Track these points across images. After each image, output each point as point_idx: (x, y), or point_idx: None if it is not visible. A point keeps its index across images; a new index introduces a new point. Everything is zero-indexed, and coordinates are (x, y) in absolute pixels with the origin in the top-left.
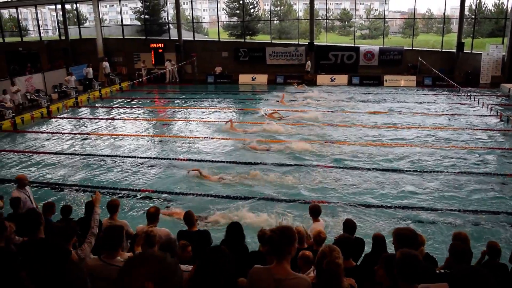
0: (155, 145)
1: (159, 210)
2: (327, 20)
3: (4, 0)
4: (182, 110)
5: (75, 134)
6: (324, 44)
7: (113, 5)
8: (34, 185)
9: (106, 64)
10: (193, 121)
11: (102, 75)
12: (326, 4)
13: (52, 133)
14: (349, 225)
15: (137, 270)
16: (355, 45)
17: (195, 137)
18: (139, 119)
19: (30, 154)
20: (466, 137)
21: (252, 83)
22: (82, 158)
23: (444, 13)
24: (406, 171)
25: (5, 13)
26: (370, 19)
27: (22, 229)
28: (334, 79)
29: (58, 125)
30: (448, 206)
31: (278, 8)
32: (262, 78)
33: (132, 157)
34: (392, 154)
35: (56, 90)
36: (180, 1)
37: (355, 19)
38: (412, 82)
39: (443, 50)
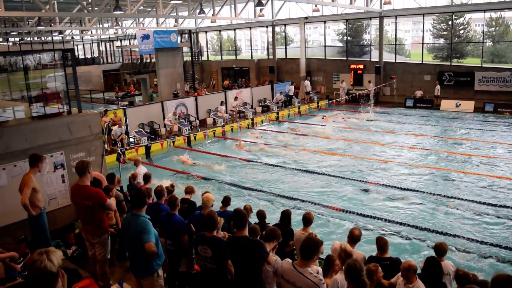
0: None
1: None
2: None
3: (226, 23)
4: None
5: (274, 145)
6: None
7: (316, 27)
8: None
9: (307, 82)
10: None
11: (303, 93)
12: None
13: (253, 142)
14: None
15: None
16: None
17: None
18: (324, 137)
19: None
20: None
21: (456, 110)
22: (280, 169)
23: None
24: None
25: (224, 34)
26: None
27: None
28: None
29: (257, 136)
30: None
31: (493, 28)
32: (468, 105)
33: (331, 175)
34: None
35: (260, 104)
36: (383, 23)
37: None
38: None
39: None
